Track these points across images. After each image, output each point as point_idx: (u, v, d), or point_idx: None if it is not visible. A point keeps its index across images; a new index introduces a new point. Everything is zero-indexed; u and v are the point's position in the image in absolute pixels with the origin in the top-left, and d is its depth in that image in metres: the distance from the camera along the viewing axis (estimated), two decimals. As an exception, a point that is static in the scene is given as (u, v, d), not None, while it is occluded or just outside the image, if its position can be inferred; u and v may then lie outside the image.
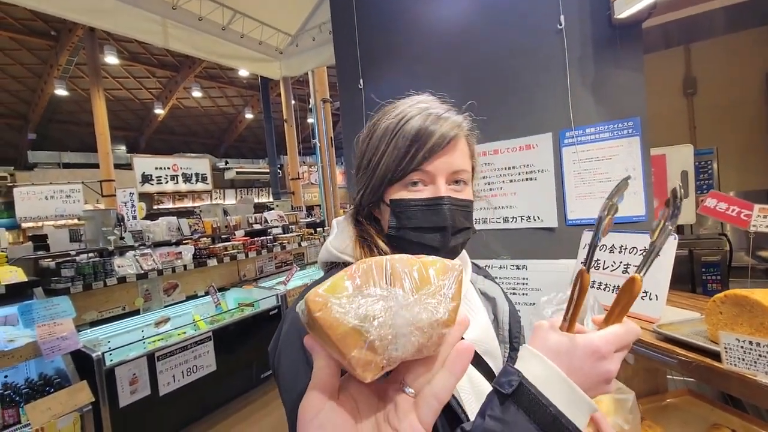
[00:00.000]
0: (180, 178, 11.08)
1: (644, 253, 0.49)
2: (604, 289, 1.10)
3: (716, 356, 0.76)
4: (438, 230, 0.63)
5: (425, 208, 0.63)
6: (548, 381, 0.45)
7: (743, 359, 0.65)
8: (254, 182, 14.28)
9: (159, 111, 13.18)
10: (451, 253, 0.66)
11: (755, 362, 0.63)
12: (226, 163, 13.36)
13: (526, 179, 1.47)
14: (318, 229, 5.60)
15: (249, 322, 3.62)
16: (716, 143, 1.92)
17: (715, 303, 0.80)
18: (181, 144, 15.95)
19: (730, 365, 0.67)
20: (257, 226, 4.57)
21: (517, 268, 1.46)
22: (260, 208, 6.77)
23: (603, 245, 1.17)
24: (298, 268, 4.39)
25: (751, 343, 0.64)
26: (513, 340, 0.76)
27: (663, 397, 1.24)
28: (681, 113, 3.16)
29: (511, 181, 1.50)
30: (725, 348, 0.68)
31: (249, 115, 15.26)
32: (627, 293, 0.48)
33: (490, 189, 1.55)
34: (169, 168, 10.84)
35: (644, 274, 0.48)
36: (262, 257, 4.31)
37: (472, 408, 0.60)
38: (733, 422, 1.06)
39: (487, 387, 0.65)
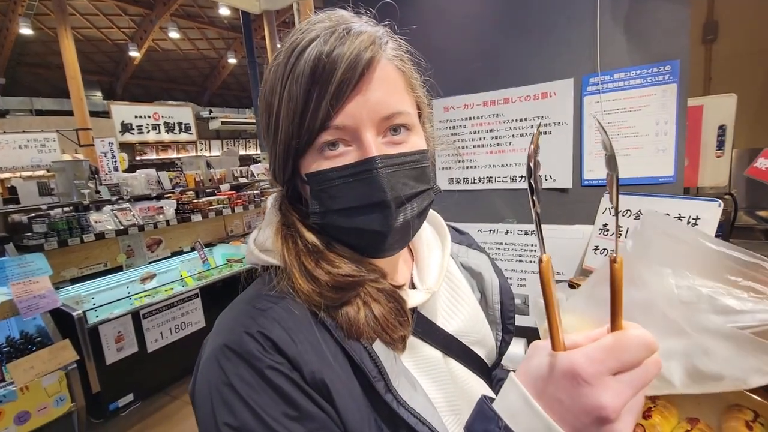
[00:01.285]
0: (162, 128, 10.58)
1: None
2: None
3: None
4: (375, 207, 0.44)
5: (351, 178, 0.43)
6: (523, 422, 0.33)
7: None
8: (241, 133, 13.73)
9: (134, 54, 12.29)
10: (404, 234, 0.46)
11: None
12: (210, 112, 12.70)
13: (540, 133, 1.30)
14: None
15: (238, 279, 3.54)
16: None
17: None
18: (160, 91, 15.10)
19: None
20: (243, 180, 4.37)
21: (525, 233, 1.33)
22: (247, 160, 6.51)
23: (627, 210, 1.04)
24: (288, 224, 4.26)
25: None
26: (506, 321, 0.64)
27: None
28: (696, 64, 2.94)
29: (522, 135, 1.33)
30: None
31: (232, 60, 14.34)
32: (610, 282, 0.32)
33: (498, 144, 1.38)
34: (149, 116, 10.30)
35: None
36: (250, 212, 4.16)
37: (455, 406, 0.51)
38: (753, 402, 1.00)
39: (475, 383, 0.56)
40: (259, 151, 8.31)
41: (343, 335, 0.44)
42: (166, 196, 3.71)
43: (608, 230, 1.09)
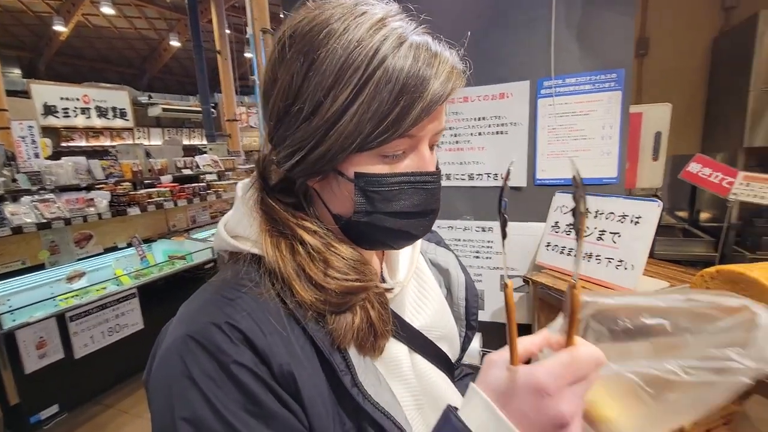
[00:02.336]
0: (93, 112, 9.63)
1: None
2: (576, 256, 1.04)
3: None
4: (426, 214, 0.47)
5: (411, 186, 0.45)
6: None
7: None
8: (184, 121, 12.88)
9: (60, 28, 11.07)
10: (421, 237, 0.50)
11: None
12: (150, 97, 11.77)
13: (497, 132, 1.33)
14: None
15: (181, 277, 3.33)
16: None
17: (702, 277, 0.74)
18: (91, 72, 13.75)
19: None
20: (187, 171, 4.10)
21: (482, 230, 1.36)
22: (191, 150, 6.12)
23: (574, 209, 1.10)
24: (237, 219, 4.06)
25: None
26: (470, 318, 0.67)
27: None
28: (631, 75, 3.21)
29: (480, 134, 1.36)
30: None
31: (175, 43, 13.39)
32: (569, 305, 0.37)
33: (457, 142, 1.40)
34: (78, 99, 9.32)
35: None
36: (195, 206, 3.91)
37: (419, 402, 0.51)
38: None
39: (439, 380, 0.57)
40: (205, 141, 7.85)
41: (330, 344, 0.43)
42: (98, 186, 3.38)
43: (559, 227, 1.14)
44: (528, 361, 0.39)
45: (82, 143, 9.91)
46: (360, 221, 0.45)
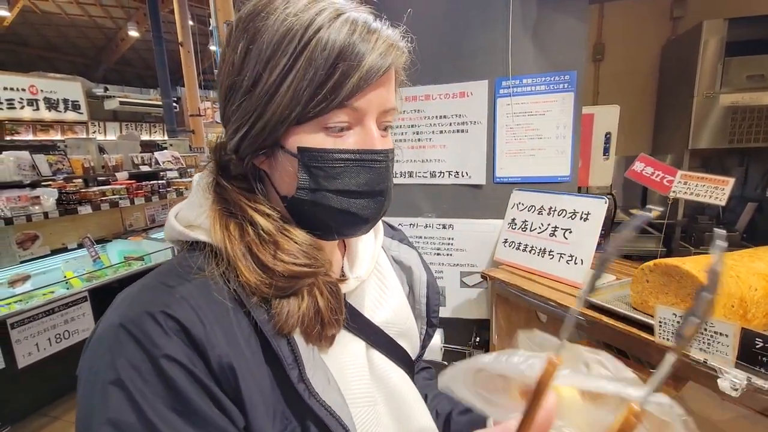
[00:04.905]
0: (41, 104, 8.98)
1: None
2: (530, 252, 1.07)
3: (640, 325, 0.75)
4: (373, 195, 0.46)
5: (357, 164, 0.44)
6: None
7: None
8: (144, 116, 12.28)
9: (4, 13, 10.27)
10: (376, 221, 0.50)
11: (689, 337, 0.62)
12: (106, 89, 11.14)
13: (458, 131, 1.35)
14: (223, 174, 5.02)
15: (139, 278, 3.18)
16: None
17: (643, 271, 0.78)
18: (39, 60, 12.84)
19: (662, 339, 0.65)
20: (145, 168, 3.91)
21: (443, 227, 1.38)
22: (151, 146, 5.85)
23: (532, 206, 1.13)
24: (199, 218, 3.91)
25: (687, 317, 0.62)
26: (431, 315, 0.67)
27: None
28: (588, 79, 3.34)
29: (441, 132, 1.37)
30: (660, 322, 0.65)
31: (134, 33, 12.73)
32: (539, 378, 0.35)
33: (419, 139, 1.41)
34: (24, 89, 8.66)
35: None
36: (153, 204, 3.74)
37: (371, 398, 0.50)
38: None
39: (396, 376, 0.57)
40: (165, 137, 7.52)
41: (273, 329, 0.41)
42: (44, 183, 3.16)
43: (516, 224, 1.17)
44: None
45: (29, 137, 9.24)
46: (303, 199, 0.44)
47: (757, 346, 0.52)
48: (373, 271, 0.58)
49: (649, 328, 0.69)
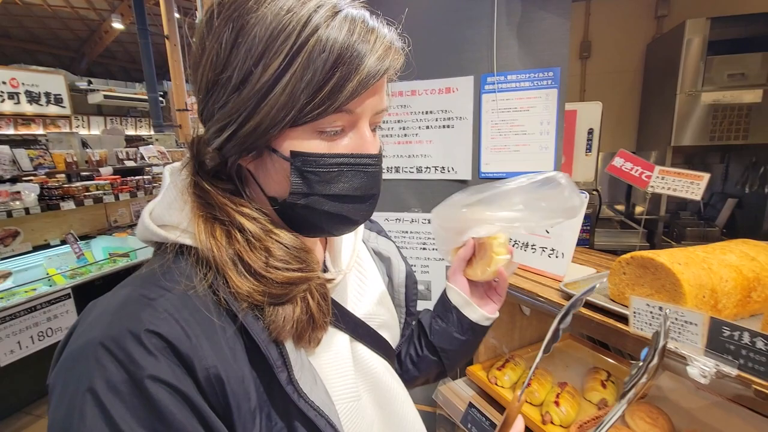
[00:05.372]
0: (23, 97, 8.75)
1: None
2: (513, 245, 1.08)
3: (617, 316, 0.77)
4: (367, 199, 0.46)
5: (351, 168, 0.43)
6: None
7: (650, 324, 0.65)
8: (129, 110, 12.04)
9: (-18, 3, 9.95)
10: (363, 222, 0.51)
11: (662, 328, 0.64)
12: (90, 83, 10.88)
13: (444, 126, 1.36)
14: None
15: (124, 275, 3.13)
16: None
17: (620, 263, 0.80)
18: (20, 53, 12.48)
19: (637, 329, 0.67)
20: (130, 163, 3.84)
21: (429, 222, 1.39)
22: (136, 141, 5.74)
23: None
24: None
25: (660, 308, 0.64)
26: (409, 304, 0.70)
27: (549, 341, 1.35)
28: (575, 76, 3.38)
29: (427, 127, 1.38)
30: (634, 312, 0.67)
31: (118, 25, 12.42)
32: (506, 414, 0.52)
33: (405, 135, 1.41)
34: (5, 83, 8.44)
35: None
36: (139, 200, 3.68)
37: (355, 393, 0.51)
38: (608, 365, 1.19)
39: (379, 367, 0.58)
40: (151, 132, 7.39)
41: (269, 338, 0.40)
42: (25, 178, 3.09)
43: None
44: None
45: (10, 131, 9.00)
46: (296, 203, 0.43)
47: (725, 335, 0.54)
48: (354, 263, 0.59)
49: (625, 319, 0.71)
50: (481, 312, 0.64)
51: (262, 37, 0.38)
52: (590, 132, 1.35)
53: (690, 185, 0.98)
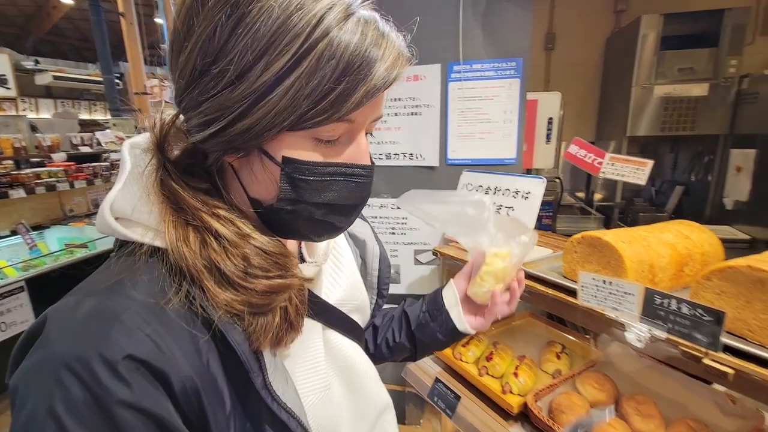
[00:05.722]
0: (-40, 77, 8.05)
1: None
2: (477, 229, 1.13)
3: (568, 291, 0.83)
4: (354, 208, 0.46)
5: (344, 178, 0.42)
6: None
7: (595, 296, 0.71)
8: (83, 93, 11.29)
9: None
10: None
11: (605, 299, 0.70)
12: (37, 62, 10.10)
13: (412, 113, 1.39)
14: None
15: (82, 267, 2.99)
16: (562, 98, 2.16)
17: (572, 243, 0.86)
18: (-44, 27, 11.42)
19: (584, 301, 0.73)
20: (86, 149, 3.65)
21: (397, 207, 1.42)
22: (92, 126, 5.42)
23: (479, 186, 1.20)
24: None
25: (604, 281, 0.70)
26: (381, 287, 0.71)
27: (511, 320, 1.43)
28: (539, 67, 3.49)
29: (396, 114, 1.40)
30: (582, 286, 0.73)
31: (67, 1, 11.60)
32: None
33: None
34: (-62, 60, 7.71)
35: None
36: (97, 188, 3.51)
37: (325, 383, 0.51)
38: (563, 338, 1.28)
39: (352, 352, 0.59)
40: (108, 117, 6.98)
41: (249, 348, 0.39)
42: (-33, 165, 2.88)
43: (465, 204, 1.23)
44: None
45: (-53, 114, 8.26)
46: (282, 209, 0.41)
47: (656, 302, 0.61)
48: (330, 251, 0.59)
49: (575, 293, 0.77)
50: (465, 325, 0.69)
51: (267, 32, 0.35)
52: (550, 121, 1.42)
53: (636, 171, 1.06)
